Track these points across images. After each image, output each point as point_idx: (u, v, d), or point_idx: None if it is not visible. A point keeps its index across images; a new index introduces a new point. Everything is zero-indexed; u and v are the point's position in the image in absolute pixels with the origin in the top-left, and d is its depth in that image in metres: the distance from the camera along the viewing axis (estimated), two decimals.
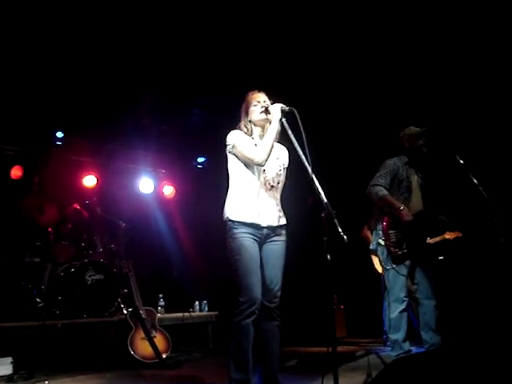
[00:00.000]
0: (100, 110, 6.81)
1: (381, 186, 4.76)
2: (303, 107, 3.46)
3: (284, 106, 3.48)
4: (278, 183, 3.68)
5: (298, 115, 3.27)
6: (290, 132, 3.33)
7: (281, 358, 3.69)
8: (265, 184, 3.60)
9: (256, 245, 3.53)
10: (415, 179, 4.89)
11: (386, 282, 4.80)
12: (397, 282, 4.68)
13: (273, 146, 3.52)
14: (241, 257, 3.46)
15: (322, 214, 2.92)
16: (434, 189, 4.91)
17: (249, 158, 3.54)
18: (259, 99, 3.67)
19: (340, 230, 2.85)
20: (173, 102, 7.15)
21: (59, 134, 6.98)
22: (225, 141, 3.65)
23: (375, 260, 5.99)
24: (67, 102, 6.57)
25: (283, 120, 3.43)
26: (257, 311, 3.42)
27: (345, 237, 2.84)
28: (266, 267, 3.56)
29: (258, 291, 3.43)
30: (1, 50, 5.59)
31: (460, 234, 4.76)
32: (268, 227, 3.56)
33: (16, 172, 6.62)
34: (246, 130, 3.67)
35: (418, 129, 4.89)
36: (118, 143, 7.57)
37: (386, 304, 5.40)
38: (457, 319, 5.16)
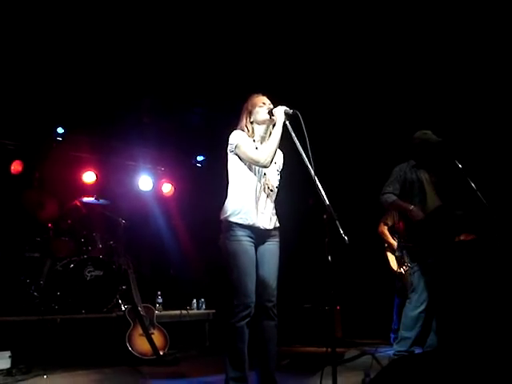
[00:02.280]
0: (101, 107, 6.83)
1: (389, 193, 4.86)
2: (305, 108, 3.49)
3: (287, 108, 3.51)
4: (276, 187, 3.72)
5: (301, 118, 3.31)
6: (293, 135, 3.37)
7: (277, 357, 3.73)
8: (264, 187, 3.63)
9: (252, 247, 3.57)
10: (426, 178, 4.90)
11: (412, 282, 4.84)
12: (420, 282, 4.73)
13: (277, 149, 3.56)
14: (238, 260, 3.50)
15: (324, 216, 2.96)
16: (447, 185, 4.93)
17: (253, 160, 3.55)
18: (264, 101, 3.73)
19: (341, 232, 2.90)
20: (173, 100, 7.17)
21: (60, 130, 7.00)
22: (227, 140, 3.66)
23: (391, 258, 6.03)
24: (68, 98, 6.58)
25: (287, 123, 3.46)
26: (251, 314, 3.48)
27: (346, 238, 2.90)
28: (262, 267, 3.60)
29: (252, 295, 3.48)
30: (3, 46, 5.61)
31: (475, 237, 4.82)
32: (264, 230, 3.60)
33: (16, 167, 6.63)
34: (247, 131, 3.70)
35: (434, 136, 4.86)
36: (117, 140, 7.59)
37: (397, 302, 5.63)
38: (454, 321, 5.20)
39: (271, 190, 3.67)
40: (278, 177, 3.75)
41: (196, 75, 6.54)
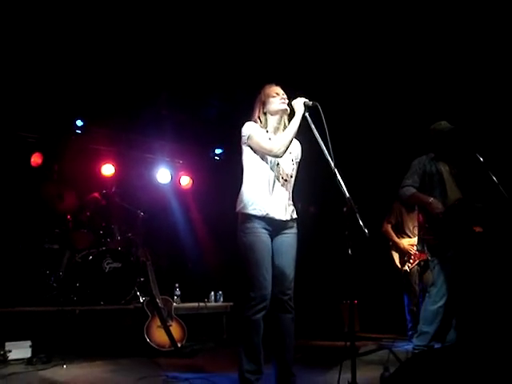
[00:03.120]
0: (119, 100, 6.86)
1: (408, 186, 4.81)
2: (321, 100, 3.46)
3: (307, 100, 3.48)
4: (291, 177, 3.69)
5: (321, 110, 3.29)
6: (313, 126, 3.34)
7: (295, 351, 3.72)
8: (278, 178, 3.60)
9: (268, 239, 3.54)
10: (446, 170, 4.84)
11: (432, 275, 4.80)
12: (440, 275, 4.68)
13: (292, 140, 3.53)
14: (253, 252, 3.47)
15: (344, 209, 2.94)
16: (467, 177, 4.87)
17: (266, 149, 3.53)
18: (277, 91, 3.70)
19: (362, 225, 2.87)
20: (191, 92, 7.17)
21: (79, 123, 7.06)
22: (240, 132, 3.64)
23: (395, 256, 6.02)
24: (87, 91, 6.62)
25: (306, 114, 3.44)
26: (267, 306, 3.45)
27: (366, 231, 2.87)
28: (278, 259, 3.56)
29: (268, 287, 3.45)
30: (23, 38, 5.65)
31: (481, 229, 4.75)
32: (280, 221, 3.56)
33: (36, 159, 6.70)
34: (260, 122, 3.67)
35: (448, 125, 4.84)
36: (136, 133, 7.65)
37: (406, 301, 5.80)
38: (473, 316, 5.15)
39: (285, 180, 3.63)
40: (293, 166, 3.71)
41: (213, 67, 6.52)
